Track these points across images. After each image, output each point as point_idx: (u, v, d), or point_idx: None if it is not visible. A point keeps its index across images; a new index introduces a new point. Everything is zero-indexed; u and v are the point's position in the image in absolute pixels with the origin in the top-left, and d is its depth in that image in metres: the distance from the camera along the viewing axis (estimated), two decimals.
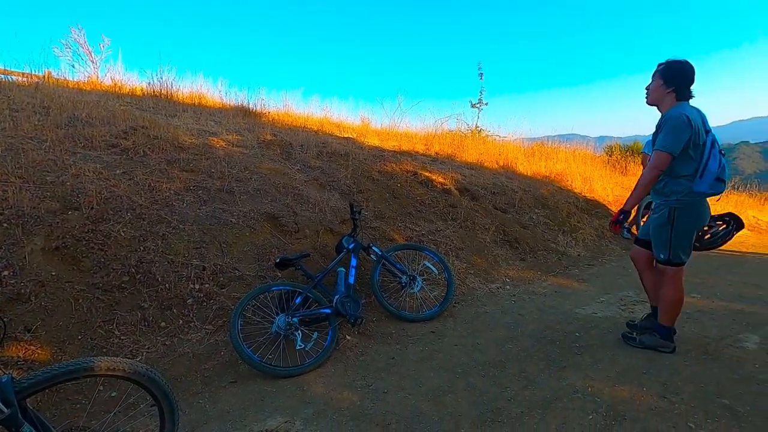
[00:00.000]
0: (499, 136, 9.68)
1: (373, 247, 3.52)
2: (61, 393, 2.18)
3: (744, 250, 6.78)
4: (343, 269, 3.26)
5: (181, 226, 3.34)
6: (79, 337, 2.49)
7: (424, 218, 4.81)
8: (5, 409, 1.23)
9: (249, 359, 2.54)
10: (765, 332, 3.17)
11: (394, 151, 6.33)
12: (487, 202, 5.62)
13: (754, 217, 10.19)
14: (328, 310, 2.94)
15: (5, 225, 2.74)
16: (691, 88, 2.61)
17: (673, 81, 2.59)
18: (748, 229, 9.20)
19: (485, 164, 7.27)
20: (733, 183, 11.60)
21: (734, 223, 3.18)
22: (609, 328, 3.24)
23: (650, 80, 2.69)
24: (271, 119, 6.74)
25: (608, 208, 7.22)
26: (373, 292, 3.39)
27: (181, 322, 2.82)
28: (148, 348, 2.59)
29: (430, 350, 2.93)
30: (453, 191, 5.49)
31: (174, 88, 6.80)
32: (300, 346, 2.72)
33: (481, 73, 10.94)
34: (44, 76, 6.82)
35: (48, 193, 3.10)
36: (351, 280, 3.21)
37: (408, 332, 3.20)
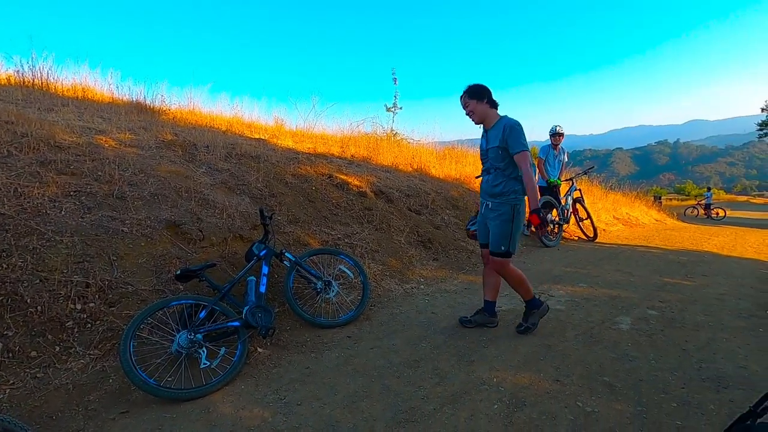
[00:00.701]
0: (413, 140, 10.03)
1: (286, 254, 3.39)
2: None
3: (619, 242, 7.83)
4: (253, 278, 3.09)
5: (57, 237, 2.90)
6: None
7: (339, 222, 4.77)
8: None
9: (143, 384, 2.27)
10: (635, 314, 3.67)
11: (309, 154, 6.20)
12: (401, 205, 5.76)
13: (627, 213, 11.84)
14: (236, 323, 2.76)
15: None
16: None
17: (488, 97, 3.01)
18: (623, 224, 10.65)
19: (400, 167, 7.46)
20: (609, 184, 13.37)
21: None
22: (512, 320, 3.49)
23: (465, 105, 3.02)
24: (172, 117, 6.20)
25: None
26: (287, 300, 3.27)
27: (57, 349, 2.44)
28: (13, 383, 2.20)
29: (346, 356, 2.90)
30: (369, 194, 5.54)
31: (51, 78, 5.94)
32: (205, 364, 2.51)
33: (395, 78, 11.26)
34: None
35: None
36: (262, 289, 3.06)
37: (324, 339, 3.13)
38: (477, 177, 3.37)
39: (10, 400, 2.13)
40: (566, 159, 7.29)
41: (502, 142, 2.90)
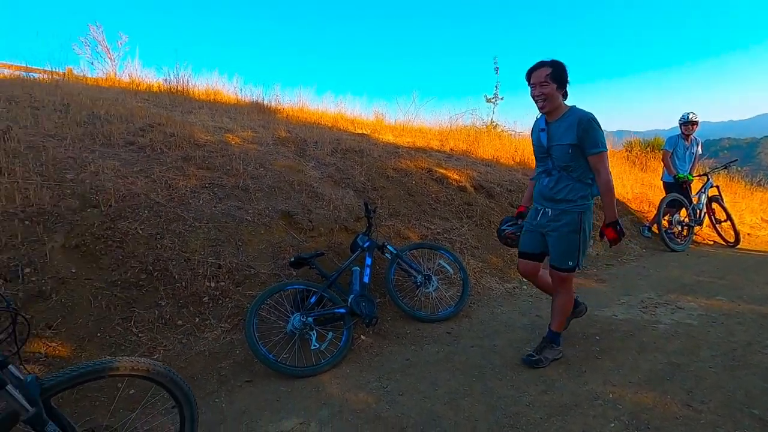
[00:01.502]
0: (516, 132, 9.53)
1: (388, 246, 3.48)
2: (81, 391, 2.21)
3: None
4: (357, 268, 3.23)
5: (197, 223, 3.35)
6: (98, 335, 2.52)
7: (439, 216, 4.75)
8: (30, 409, 1.24)
9: (264, 359, 2.54)
10: None
11: (409, 148, 6.27)
12: (503, 200, 5.53)
13: None
14: (343, 310, 2.92)
15: (27, 223, 2.78)
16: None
17: (565, 83, 2.49)
18: None
19: (501, 161, 7.15)
20: (757, 179, 11.21)
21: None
22: (630, 332, 3.15)
23: (541, 84, 2.44)
24: (285, 116, 6.74)
25: (628, 206, 7.05)
26: (388, 292, 3.36)
27: (197, 320, 2.84)
28: (165, 346, 2.61)
29: (446, 352, 2.89)
30: (468, 188, 5.42)
31: (190, 84, 6.86)
32: (315, 346, 2.71)
33: (497, 68, 10.76)
34: (65, 74, 6.94)
35: (68, 191, 3.14)
36: (366, 279, 3.19)
37: (423, 332, 3.16)
38: (531, 179, 2.81)
39: (164, 359, 2.54)
40: (700, 151, 6.30)
41: (576, 139, 2.42)
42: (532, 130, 2.77)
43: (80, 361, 2.36)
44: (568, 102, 2.56)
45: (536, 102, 2.50)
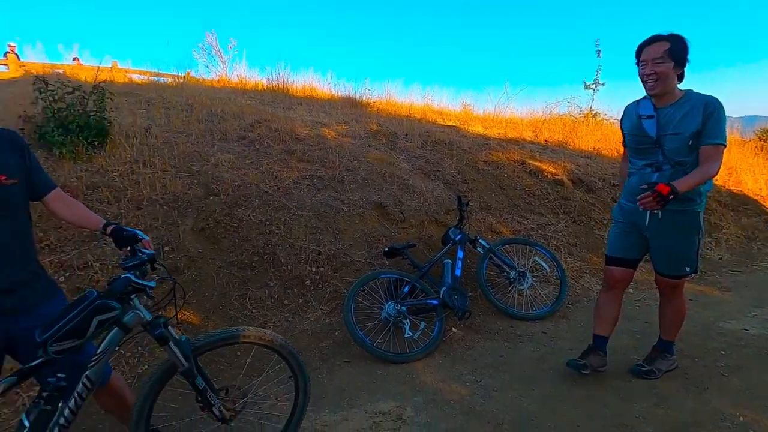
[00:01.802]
0: (619, 121, 8.69)
1: (480, 240, 3.43)
2: (209, 356, 2.53)
3: None
4: (449, 261, 3.24)
5: (299, 212, 3.61)
6: (220, 308, 2.86)
7: (533, 211, 4.55)
8: (185, 363, 1.48)
9: (362, 342, 2.67)
10: None
11: (500, 139, 6.06)
12: (605, 195, 5.11)
13: None
14: (435, 302, 2.95)
15: (165, 208, 3.24)
16: None
17: (684, 62, 2.10)
18: None
19: (603, 152, 6.59)
20: None
21: None
22: (766, 349, 2.74)
23: (654, 61, 2.08)
24: (376, 109, 6.92)
25: (760, 204, 6.07)
26: (480, 286, 3.32)
27: (300, 301, 3.08)
28: (275, 322, 2.88)
29: (542, 352, 2.78)
30: (565, 182, 5.09)
31: (289, 82, 7.35)
32: (408, 334, 2.79)
33: (599, 50, 9.84)
34: (185, 77, 7.87)
35: (195, 181, 3.58)
36: (458, 272, 3.18)
37: (516, 330, 3.08)
38: (630, 176, 2.35)
39: None
40: None
41: (701, 125, 2.05)
42: (623, 116, 2.43)
43: (207, 329, 2.70)
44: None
45: (645, 82, 2.16)
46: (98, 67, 5.98)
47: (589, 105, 9.17)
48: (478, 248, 3.44)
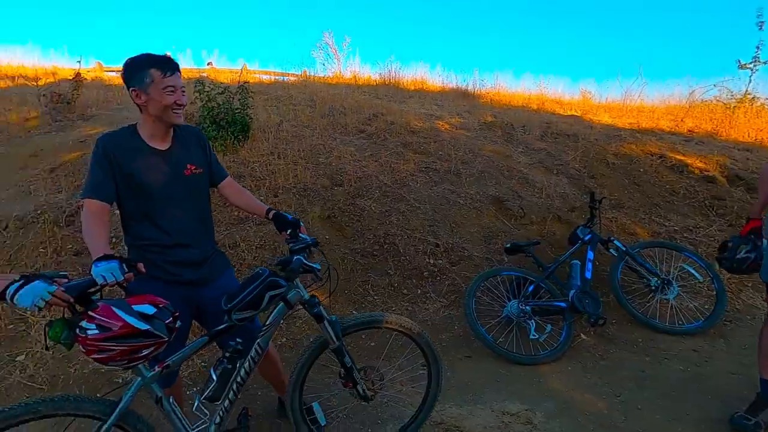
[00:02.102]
0: None
1: (615, 242, 3.10)
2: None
3: None
4: (578, 262, 2.99)
5: (416, 204, 3.65)
6: (345, 292, 3.03)
7: (675, 211, 3.99)
8: (336, 341, 1.59)
9: (483, 339, 2.61)
10: None
11: (632, 130, 5.42)
12: None
13: None
14: (563, 304, 2.76)
15: (297, 196, 3.52)
16: None
17: None
18: None
19: (766, 144, 5.52)
20: None
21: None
22: None
23: None
24: (489, 100, 6.69)
25: None
26: (613, 292, 3.01)
27: (419, 291, 3.12)
28: (395, 310, 2.96)
29: (693, 372, 2.44)
30: (718, 179, 4.37)
31: (400, 76, 7.46)
32: (534, 336, 2.65)
33: (761, 22, 8.23)
34: (302, 75, 8.46)
35: (321, 172, 3.84)
36: (588, 274, 2.93)
37: (660, 344, 2.73)
38: None
39: None
40: None
41: None
42: None
43: (332, 311, 2.88)
44: None
45: None
46: (241, 69, 6.73)
47: (746, 88, 7.73)
48: (612, 250, 3.12)
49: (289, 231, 1.70)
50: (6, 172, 3.77)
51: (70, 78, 5.03)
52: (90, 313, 1.19)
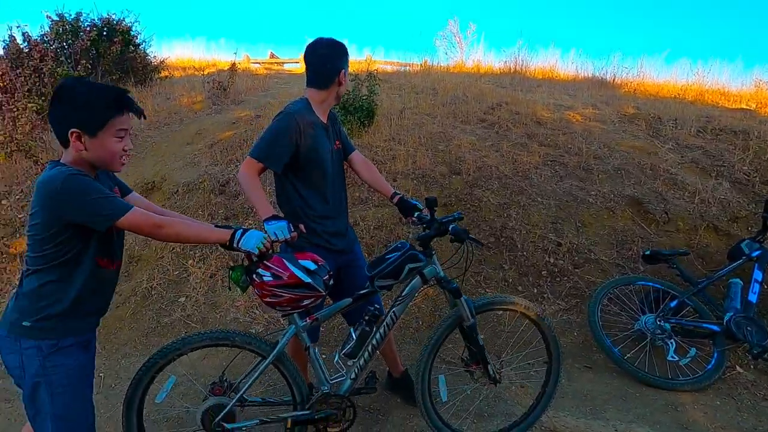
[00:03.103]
0: None
1: None
2: None
3: None
4: (739, 281, 2.52)
5: (539, 198, 3.43)
6: (456, 279, 2.99)
7: None
8: (471, 318, 1.64)
9: (609, 351, 2.37)
10: None
11: None
12: None
13: None
14: (716, 328, 2.35)
15: (415, 182, 3.58)
16: None
17: None
18: None
19: None
20: None
21: None
22: None
23: None
24: (632, 89, 5.95)
25: None
26: None
27: (535, 290, 2.94)
28: None
29: None
30: None
31: (527, 64, 7.04)
32: (673, 358, 2.31)
33: None
34: (422, 64, 8.48)
35: (439, 160, 3.83)
36: (752, 297, 2.44)
37: None
38: None
39: None
40: None
41: None
42: None
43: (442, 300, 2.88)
44: None
45: None
46: (365, 59, 7.03)
47: None
48: None
49: (416, 214, 1.76)
50: (178, 146, 4.52)
51: (226, 68, 5.81)
52: (266, 262, 1.37)
